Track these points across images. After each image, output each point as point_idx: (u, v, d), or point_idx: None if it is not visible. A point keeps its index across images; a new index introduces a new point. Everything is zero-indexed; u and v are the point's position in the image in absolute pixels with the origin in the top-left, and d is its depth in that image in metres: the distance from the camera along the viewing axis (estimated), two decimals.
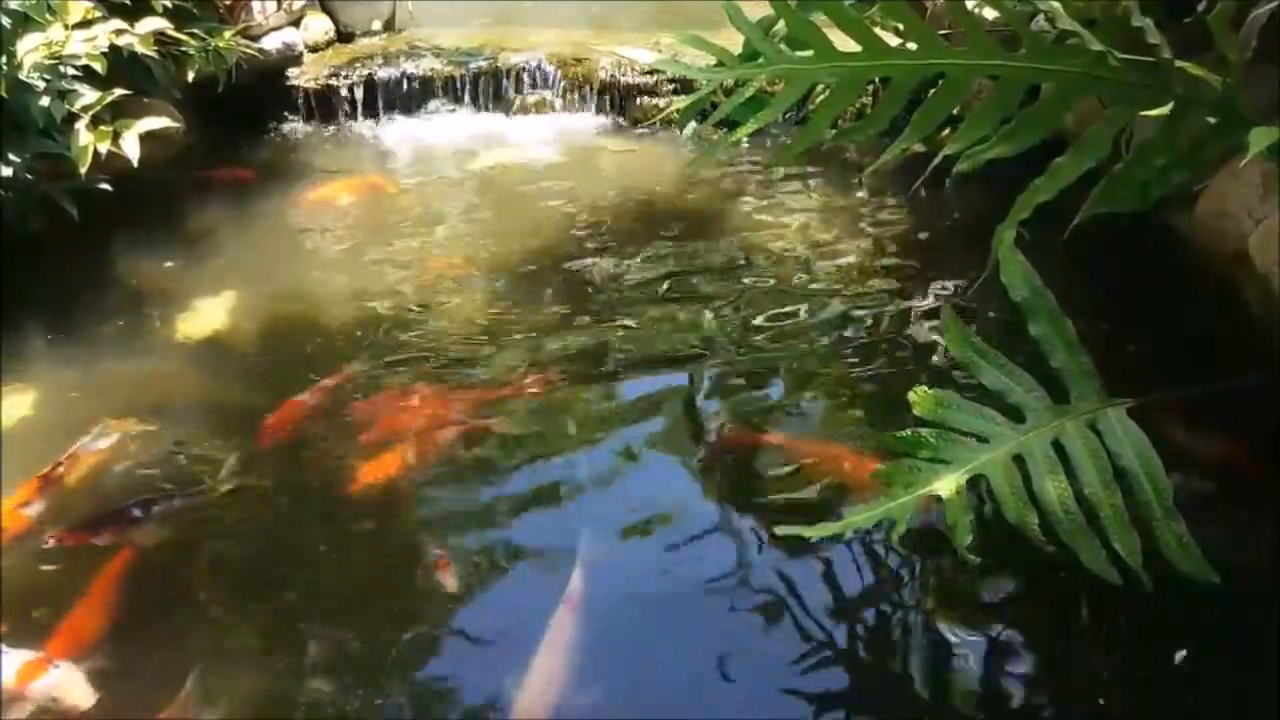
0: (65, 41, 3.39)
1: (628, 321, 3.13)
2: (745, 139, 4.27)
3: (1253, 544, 2.17)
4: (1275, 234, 2.41)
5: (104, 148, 3.39)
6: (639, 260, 3.50)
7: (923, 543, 2.22)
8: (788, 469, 2.49)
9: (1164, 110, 2.13)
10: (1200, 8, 2.52)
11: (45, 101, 3.33)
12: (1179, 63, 2.03)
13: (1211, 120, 2.12)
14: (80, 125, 3.40)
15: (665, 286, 3.33)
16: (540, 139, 4.63)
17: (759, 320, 3.13)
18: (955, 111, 2.36)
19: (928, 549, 2.21)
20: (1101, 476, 1.94)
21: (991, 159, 2.28)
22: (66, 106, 3.39)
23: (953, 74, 2.22)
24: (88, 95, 3.44)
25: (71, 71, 3.44)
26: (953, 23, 2.54)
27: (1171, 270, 2.91)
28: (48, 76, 3.35)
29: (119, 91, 3.52)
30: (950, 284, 3.26)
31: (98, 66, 3.42)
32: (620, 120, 4.75)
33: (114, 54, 3.52)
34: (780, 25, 2.51)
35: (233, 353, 3.05)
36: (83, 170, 3.37)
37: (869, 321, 3.10)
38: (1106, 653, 2.02)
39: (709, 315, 3.16)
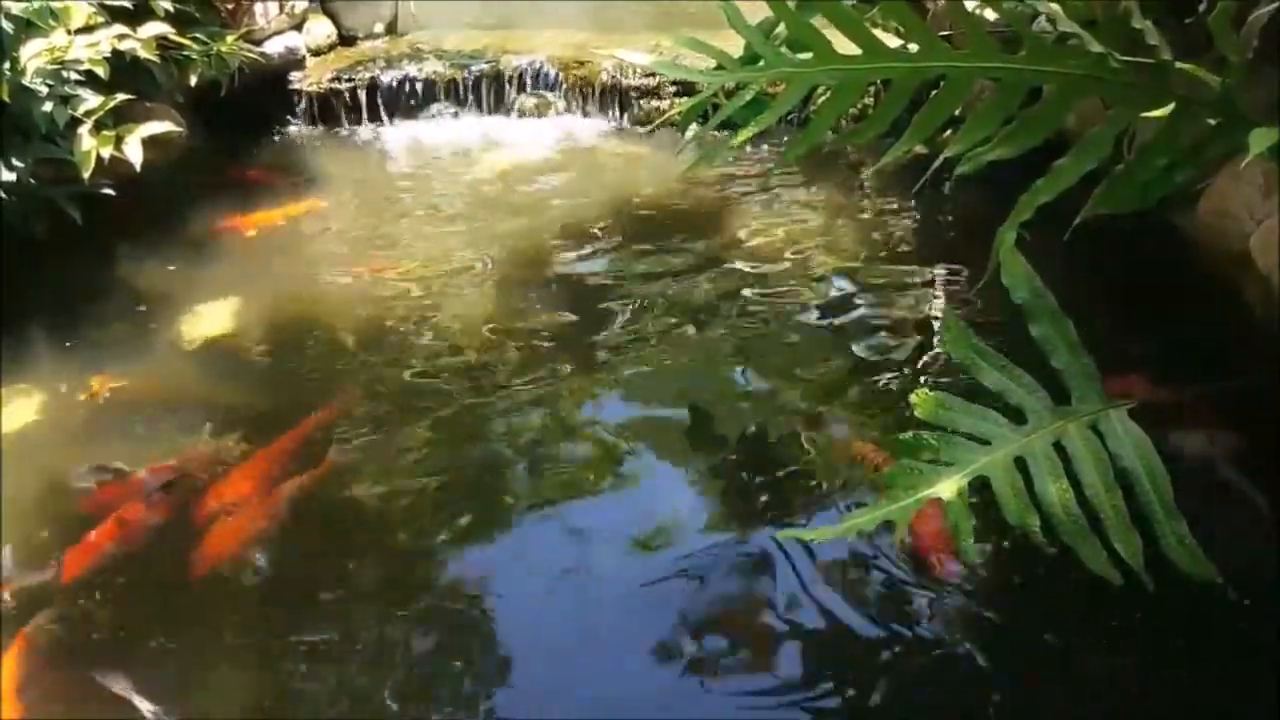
0: (68, 47, 3.40)
1: (624, 327, 3.13)
2: (748, 141, 4.28)
3: (1254, 543, 2.17)
4: (1276, 234, 2.41)
5: (106, 152, 3.40)
6: (637, 262, 3.50)
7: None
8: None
9: (1165, 111, 2.13)
10: (1201, 8, 2.52)
11: (48, 106, 3.34)
12: (1179, 64, 2.03)
13: (1212, 121, 2.11)
14: (83, 130, 3.41)
15: (663, 289, 3.33)
16: (542, 141, 4.63)
17: (761, 322, 3.13)
18: (956, 113, 2.37)
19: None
20: (1103, 477, 1.94)
21: (993, 160, 2.28)
22: (69, 111, 3.40)
23: (953, 75, 2.22)
24: (90, 100, 3.45)
25: (74, 76, 3.45)
26: (953, 24, 2.55)
27: (1174, 271, 2.91)
28: (50, 81, 3.37)
29: (121, 96, 3.53)
30: (952, 286, 3.26)
31: (100, 71, 3.43)
32: (623, 122, 4.76)
33: (116, 59, 3.54)
34: (780, 28, 2.52)
35: (234, 357, 3.07)
36: (85, 175, 3.38)
37: (871, 323, 3.10)
38: (1108, 652, 2.02)
39: (709, 317, 3.17)
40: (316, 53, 5.00)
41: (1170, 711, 1.89)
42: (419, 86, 4.82)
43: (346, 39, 5.19)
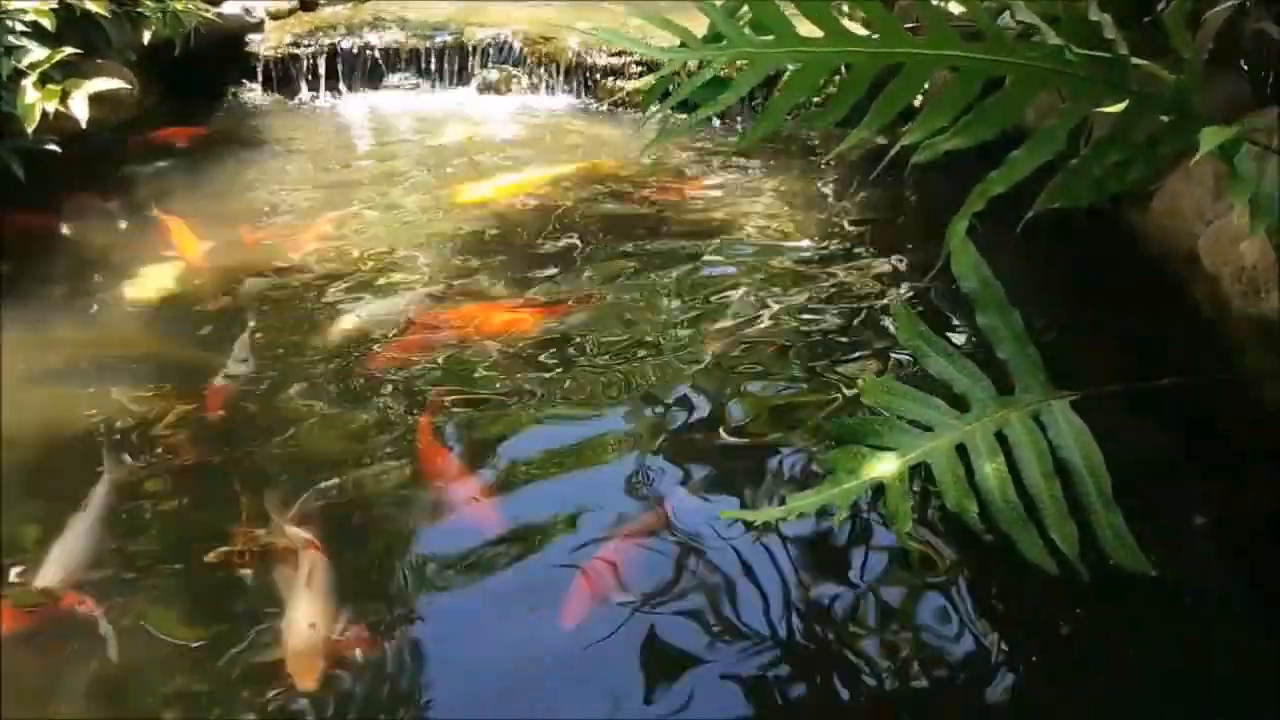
0: None
1: (575, 304, 3.09)
2: (713, 124, 4.27)
3: (1187, 537, 2.20)
4: (1225, 235, 2.44)
5: (51, 107, 3.32)
6: (593, 240, 3.47)
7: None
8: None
9: (1120, 106, 2.14)
10: (1160, 7, 2.53)
11: None
12: (1136, 60, 2.04)
13: (1166, 118, 2.13)
14: (26, 83, 3.31)
15: (618, 268, 3.30)
16: (504, 117, 4.59)
17: (716, 303, 3.12)
18: (917, 102, 2.36)
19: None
20: (1042, 467, 1.95)
21: (950, 150, 2.28)
22: (13, 63, 3.30)
23: (912, 63, 2.21)
24: (36, 52, 3.36)
25: (19, 27, 3.36)
26: (919, 17, 2.54)
27: (1127, 269, 2.94)
28: None
29: (69, 50, 3.44)
30: (906, 273, 3.27)
31: (46, 23, 3.34)
32: (587, 100, 4.72)
33: (65, 12, 3.45)
34: (746, 9, 2.49)
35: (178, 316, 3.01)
36: (29, 129, 3.29)
37: (823, 305, 3.10)
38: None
39: (663, 296, 3.15)
40: (276, 16, 4.92)
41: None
42: (380, 55, 4.75)
43: (307, 3, 5.11)
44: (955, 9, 2.78)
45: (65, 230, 3.48)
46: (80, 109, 3.39)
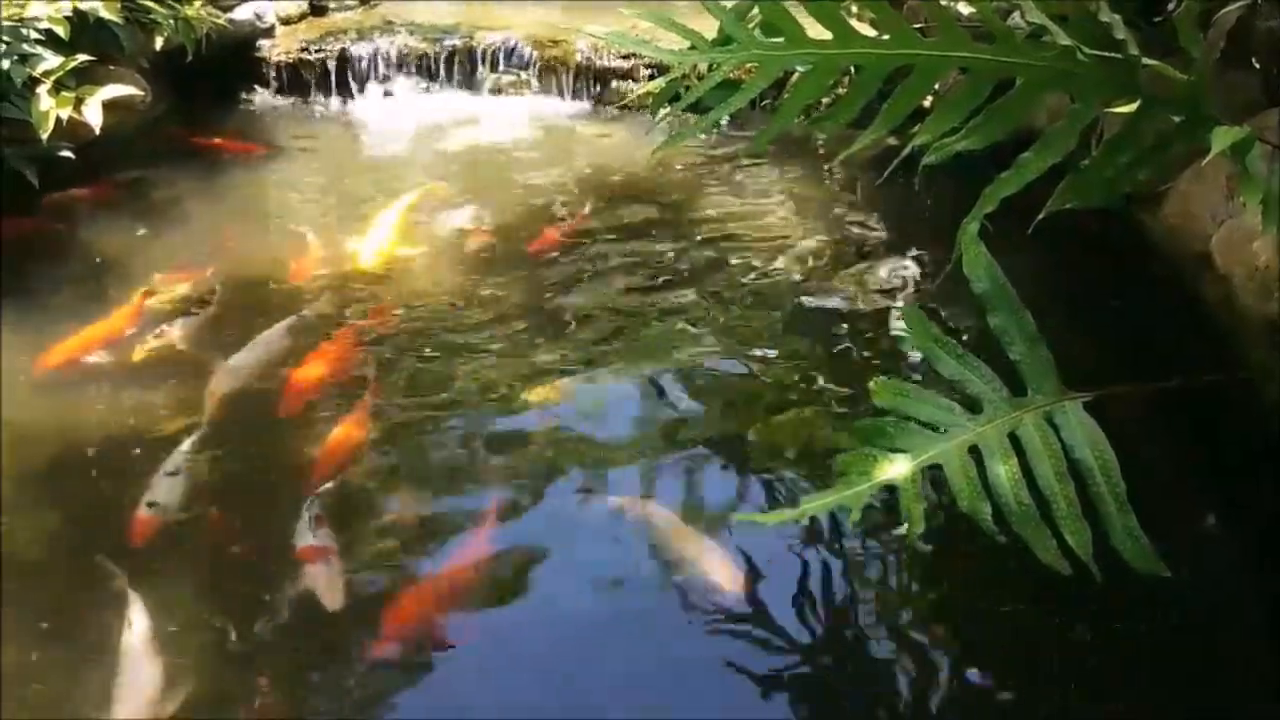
0: (26, 3, 3.34)
1: (584, 308, 3.10)
2: (722, 125, 4.27)
3: (1198, 538, 2.20)
4: (1237, 236, 2.43)
5: (65, 113, 3.34)
6: (602, 243, 3.48)
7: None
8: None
9: (1130, 107, 2.14)
10: (1171, 7, 2.53)
11: (5, 65, 3.28)
12: (1146, 60, 2.03)
13: (1176, 118, 2.12)
14: (41, 90, 3.34)
15: (628, 271, 3.31)
16: (514, 120, 4.59)
17: (725, 305, 3.12)
18: (927, 104, 2.36)
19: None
20: (1056, 468, 1.94)
21: (960, 151, 2.28)
22: (28, 71, 3.33)
23: (923, 64, 2.22)
24: (50, 60, 3.38)
25: (34, 35, 3.39)
26: (928, 18, 2.54)
27: (1139, 269, 2.93)
28: (8, 39, 3.30)
29: (82, 57, 3.46)
30: (918, 274, 3.27)
31: (60, 31, 3.37)
32: (597, 104, 4.73)
33: (79, 19, 3.47)
34: (755, 11, 2.50)
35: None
36: (44, 136, 3.31)
37: (835, 308, 3.11)
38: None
39: (673, 299, 3.15)
40: (286, 21, 4.94)
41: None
42: (390, 60, 4.77)
43: (318, 8, 5.13)
44: (964, 10, 2.79)
45: (77, 236, 3.49)
46: (94, 115, 3.42)
